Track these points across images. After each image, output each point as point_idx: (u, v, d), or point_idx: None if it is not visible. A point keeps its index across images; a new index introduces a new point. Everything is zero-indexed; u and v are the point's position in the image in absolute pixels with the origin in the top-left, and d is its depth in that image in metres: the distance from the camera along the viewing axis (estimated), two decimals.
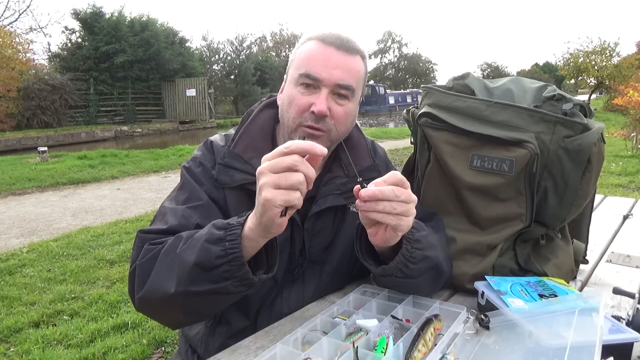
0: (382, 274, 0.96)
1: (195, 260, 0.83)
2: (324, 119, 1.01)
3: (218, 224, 0.86)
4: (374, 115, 31.15)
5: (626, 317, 0.88)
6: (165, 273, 0.88)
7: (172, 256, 0.88)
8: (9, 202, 6.47)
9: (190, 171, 1.08)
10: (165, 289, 0.86)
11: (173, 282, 0.85)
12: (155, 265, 0.90)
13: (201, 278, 0.84)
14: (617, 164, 7.61)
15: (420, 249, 0.95)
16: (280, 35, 41.76)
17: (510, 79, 1.19)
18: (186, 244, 0.87)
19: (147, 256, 0.93)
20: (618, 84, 21.38)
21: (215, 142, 1.12)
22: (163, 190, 7.00)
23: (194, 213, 1.00)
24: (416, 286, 1.00)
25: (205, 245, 0.83)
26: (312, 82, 1.01)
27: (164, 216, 1.01)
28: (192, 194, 1.03)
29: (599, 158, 1.05)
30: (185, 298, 0.86)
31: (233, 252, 0.81)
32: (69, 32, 21.91)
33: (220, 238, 0.82)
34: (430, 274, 0.99)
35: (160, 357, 2.52)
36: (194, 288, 0.84)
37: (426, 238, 0.98)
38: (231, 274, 0.82)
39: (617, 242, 1.55)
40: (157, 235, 0.97)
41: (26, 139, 15.34)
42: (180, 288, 0.85)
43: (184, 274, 0.84)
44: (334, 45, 1.01)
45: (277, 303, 1.09)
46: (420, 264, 0.95)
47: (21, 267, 3.82)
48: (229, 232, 0.83)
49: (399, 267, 0.93)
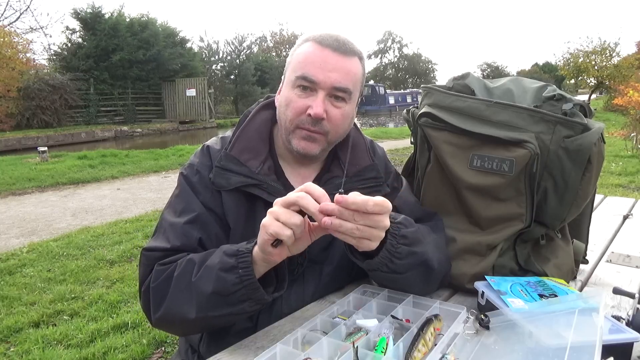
0: (368, 268, 0.97)
1: (213, 290, 0.90)
2: (320, 122, 1.02)
3: (228, 251, 0.92)
4: (374, 115, 31.14)
5: (626, 317, 0.88)
6: (183, 299, 0.93)
7: (187, 283, 0.93)
8: (9, 202, 6.47)
9: (188, 179, 1.09)
10: (185, 313, 0.93)
11: (193, 308, 0.92)
12: (170, 290, 0.95)
13: (220, 304, 0.91)
14: (617, 164, 7.60)
15: (407, 244, 0.96)
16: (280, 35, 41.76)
17: (510, 79, 1.19)
18: (200, 271, 0.93)
19: (160, 278, 0.97)
20: (618, 84, 21.37)
21: (211, 147, 1.12)
22: (163, 190, 7.00)
23: (193, 228, 1.03)
24: (406, 282, 1.00)
25: (220, 274, 0.89)
26: (309, 85, 1.01)
27: (165, 231, 1.05)
28: (189, 205, 1.06)
29: (599, 158, 1.05)
30: (205, 321, 0.95)
31: (247, 278, 0.88)
32: (70, 32, 21.94)
33: (233, 266, 0.89)
34: (418, 270, 1.00)
35: (160, 357, 2.52)
36: (214, 313, 0.92)
37: (414, 234, 0.98)
38: (247, 297, 0.90)
39: (617, 242, 1.55)
40: (162, 254, 1.01)
41: (26, 139, 15.34)
42: (201, 314, 0.92)
43: (202, 301, 0.91)
44: (330, 48, 1.01)
45: (277, 303, 1.09)
46: (407, 259, 0.96)
47: (21, 267, 3.82)
48: (240, 259, 0.89)
49: (383, 262, 0.94)
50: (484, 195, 1.09)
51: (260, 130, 1.12)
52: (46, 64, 22.18)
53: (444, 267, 1.08)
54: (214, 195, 1.06)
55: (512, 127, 1.05)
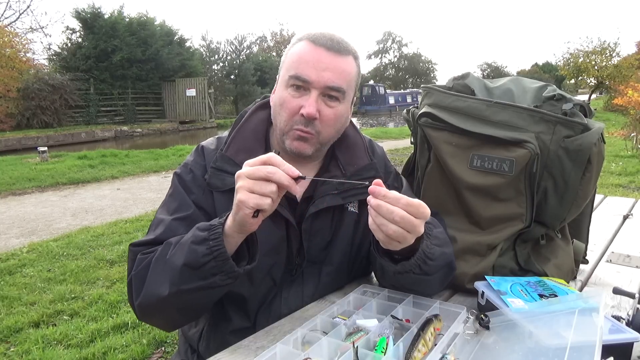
0: (400, 270, 0.95)
1: (184, 261, 0.89)
2: (313, 122, 1.01)
3: (201, 226, 0.91)
4: (374, 115, 31.15)
5: (626, 317, 0.88)
6: (158, 278, 0.93)
7: (163, 262, 0.94)
8: (9, 202, 6.46)
9: (181, 178, 1.09)
10: (160, 292, 0.92)
11: (166, 284, 0.91)
12: (149, 274, 0.96)
13: (191, 276, 0.89)
14: (617, 164, 7.60)
15: (438, 245, 0.96)
16: (281, 35, 41.77)
17: (510, 79, 1.19)
18: (175, 248, 0.93)
19: (140, 265, 0.98)
20: (618, 84, 21.37)
21: (206, 147, 1.12)
22: (163, 190, 6.99)
23: (180, 224, 1.03)
24: (429, 283, 1.00)
25: (191, 246, 0.89)
26: (302, 84, 1.01)
27: (155, 228, 1.05)
28: (181, 204, 1.06)
29: (599, 158, 1.05)
30: (178, 297, 0.92)
31: (217, 249, 0.87)
32: (70, 32, 21.94)
33: (204, 238, 0.88)
34: (444, 270, 1.00)
35: (160, 357, 2.52)
36: (185, 286, 0.90)
37: (442, 234, 0.99)
38: (218, 269, 0.88)
39: (617, 242, 1.55)
40: (146, 247, 1.02)
41: (26, 139, 15.33)
42: (173, 289, 0.91)
43: (175, 275, 0.90)
44: (324, 47, 1.01)
45: (276, 303, 1.09)
46: (438, 260, 0.95)
47: (21, 267, 3.82)
48: (212, 232, 0.88)
49: (417, 264, 0.93)
50: (484, 195, 1.09)
51: (256, 131, 1.12)
52: (46, 64, 22.20)
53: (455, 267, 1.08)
54: (206, 194, 1.06)
55: (512, 127, 1.05)
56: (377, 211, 0.83)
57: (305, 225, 1.07)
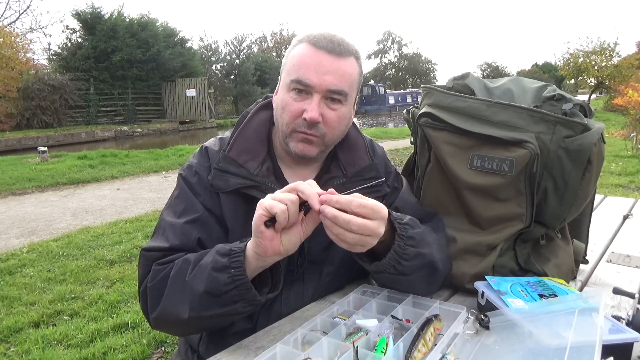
0: (375, 270, 0.97)
1: (205, 289, 0.89)
2: (316, 125, 1.01)
3: (221, 250, 0.91)
4: (374, 115, 31.14)
5: (626, 317, 0.88)
6: (177, 299, 0.93)
7: (181, 282, 0.93)
8: (9, 202, 6.46)
9: (187, 180, 1.08)
10: (179, 313, 0.92)
11: (186, 308, 0.91)
12: (166, 290, 0.95)
13: (212, 304, 0.90)
14: (617, 164, 7.60)
15: (414, 245, 0.96)
16: (281, 35, 41.76)
17: (510, 79, 1.19)
18: (194, 271, 0.92)
19: (157, 278, 0.97)
20: (618, 84, 21.37)
21: (210, 148, 1.11)
22: (163, 190, 7.00)
23: (192, 228, 1.02)
24: (410, 283, 1.00)
25: (212, 273, 0.89)
26: (304, 88, 1.01)
27: (164, 232, 1.04)
28: (189, 206, 1.05)
29: (599, 158, 1.05)
30: (198, 321, 0.94)
31: (239, 278, 0.87)
32: (70, 32, 21.93)
33: (225, 266, 0.88)
34: (424, 271, 1.00)
35: (160, 357, 2.52)
36: (206, 313, 0.91)
37: (420, 235, 0.99)
38: (240, 297, 0.89)
39: (617, 242, 1.55)
40: (161, 254, 1.01)
41: (26, 139, 15.33)
42: (193, 314, 0.91)
43: (195, 301, 0.90)
44: (325, 49, 1.00)
45: (277, 303, 1.09)
46: (413, 261, 0.96)
47: (21, 267, 3.82)
48: (233, 259, 0.88)
49: (391, 264, 0.94)
50: (484, 195, 1.09)
51: (258, 131, 1.11)
52: (46, 64, 22.20)
53: (447, 267, 1.08)
54: (212, 196, 1.05)
55: (512, 127, 1.05)
56: (334, 222, 0.83)
57: None
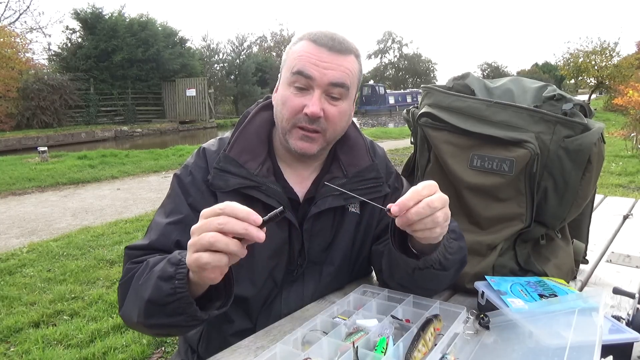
0: (422, 266, 0.95)
1: (149, 297, 0.86)
2: (318, 120, 1.01)
3: (173, 259, 0.85)
4: (374, 115, 31.14)
5: (626, 317, 0.88)
6: (132, 301, 0.92)
7: (137, 285, 0.91)
8: (9, 202, 6.46)
9: (180, 180, 1.08)
10: (131, 316, 0.92)
11: (135, 312, 0.90)
12: (130, 289, 0.94)
13: (156, 312, 0.86)
14: (617, 164, 7.60)
15: (455, 239, 0.96)
16: (281, 35, 41.75)
17: (510, 79, 1.19)
18: (147, 275, 0.89)
19: (126, 277, 0.97)
20: (618, 84, 21.36)
21: (207, 149, 1.11)
22: (163, 190, 6.99)
23: (174, 229, 1.01)
24: (444, 279, 1.00)
25: (158, 282, 0.84)
26: (305, 82, 1.00)
27: (150, 231, 1.04)
28: (176, 206, 1.05)
29: (599, 158, 1.05)
30: (147, 327, 0.92)
31: (180, 291, 0.81)
32: (70, 32, 21.92)
33: (171, 276, 0.83)
34: (458, 265, 1.00)
35: (160, 357, 2.52)
36: (150, 321, 0.89)
37: (458, 229, 1.00)
38: (182, 310, 0.83)
39: (617, 242, 1.55)
40: (140, 252, 1.00)
41: (26, 139, 15.33)
42: (141, 319, 0.89)
43: (141, 308, 0.88)
44: (326, 47, 1.01)
45: (277, 304, 1.09)
46: (456, 254, 0.96)
47: (21, 267, 3.82)
48: (179, 269, 0.82)
49: (438, 259, 0.93)
50: (484, 195, 1.09)
51: (259, 132, 1.11)
52: (46, 64, 22.19)
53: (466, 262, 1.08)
54: (204, 197, 1.04)
55: (512, 127, 1.05)
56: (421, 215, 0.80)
57: (307, 226, 1.07)
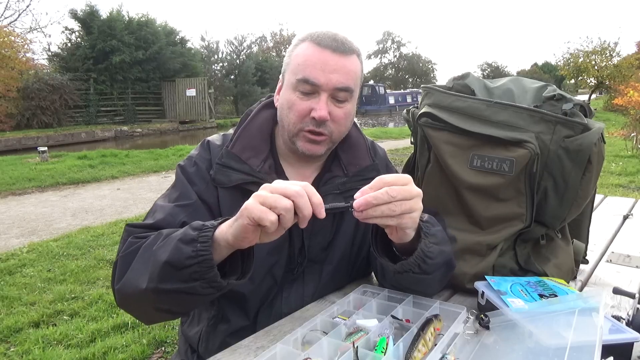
0: (400, 270, 0.95)
1: (167, 259, 0.84)
2: (324, 123, 1.02)
3: (195, 224, 0.86)
4: (374, 115, 31.14)
5: (626, 317, 0.88)
6: (140, 268, 0.89)
7: (149, 252, 0.90)
8: (9, 202, 6.46)
9: (184, 170, 1.09)
10: (138, 283, 0.88)
11: (145, 278, 0.87)
12: (134, 260, 0.92)
13: (171, 276, 0.85)
14: (617, 164, 7.60)
15: (436, 243, 0.95)
16: (281, 35, 41.75)
17: (510, 79, 1.19)
18: (163, 241, 0.89)
19: (129, 249, 0.95)
20: (618, 84, 21.38)
21: (212, 142, 1.12)
22: (163, 190, 6.91)
23: (181, 211, 1.02)
24: (429, 282, 0.99)
25: (178, 244, 0.84)
26: (311, 88, 1.01)
27: (154, 213, 1.04)
28: (183, 193, 1.05)
29: (599, 158, 1.05)
30: (155, 294, 0.88)
31: (203, 253, 0.81)
32: (69, 32, 21.90)
33: (193, 239, 0.83)
34: (443, 269, 0.99)
35: (160, 357, 2.52)
36: (163, 286, 0.86)
37: (441, 233, 0.98)
38: (200, 275, 0.82)
39: (617, 242, 1.55)
40: (142, 230, 0.99)
41: (26, 139, 15.32)
42: (151, 285, 0.86)
43: (155, 271, 0.86)
44: (329, 48, 1.01)
45: (277, 302, 1.09)
46: (437, 258, 0.95)
47: (21, 267, 3.82)
48: (202, 233, 0.83)
49: (417, 263, 0.93)
50: (484, 195, 1.09)
51: (261, 129, 1.12)
52: (46, 64, 22.17)
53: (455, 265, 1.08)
54: (209, 187, 1.06)
55: (512, 127, 1.05)
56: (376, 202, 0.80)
57: (307, 225, 1.07)
